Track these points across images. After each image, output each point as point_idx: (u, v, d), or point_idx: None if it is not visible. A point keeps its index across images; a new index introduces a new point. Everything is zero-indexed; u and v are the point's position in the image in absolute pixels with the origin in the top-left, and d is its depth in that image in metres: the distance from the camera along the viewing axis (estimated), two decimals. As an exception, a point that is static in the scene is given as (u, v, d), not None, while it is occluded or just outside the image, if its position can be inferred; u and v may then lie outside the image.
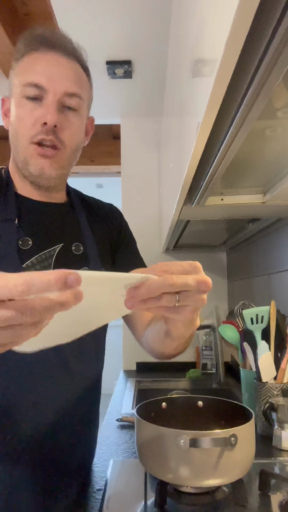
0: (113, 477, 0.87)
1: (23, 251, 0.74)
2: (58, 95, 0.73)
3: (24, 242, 0.75)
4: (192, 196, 1.06)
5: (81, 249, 0.82)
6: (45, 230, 0.79)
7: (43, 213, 0.80)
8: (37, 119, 0.73)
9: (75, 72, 0.76)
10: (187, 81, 0.85)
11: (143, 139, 2.31)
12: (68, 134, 0.76)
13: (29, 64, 0.74)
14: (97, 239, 0.86)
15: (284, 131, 0.73)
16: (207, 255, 2.25)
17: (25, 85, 0.73)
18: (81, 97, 0.77)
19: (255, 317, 1.21)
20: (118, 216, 0.97)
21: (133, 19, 1.46)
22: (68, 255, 0.80)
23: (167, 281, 0.45)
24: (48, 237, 0.78)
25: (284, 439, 1.01)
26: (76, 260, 0.80)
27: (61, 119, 0.74)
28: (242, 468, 0.73)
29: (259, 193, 1.10)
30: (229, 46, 0.44)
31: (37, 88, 0.72)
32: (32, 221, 0.78)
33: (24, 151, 0.75)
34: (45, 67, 0.73)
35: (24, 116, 0.74)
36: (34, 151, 0.74)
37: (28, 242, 0.75)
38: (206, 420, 0.88)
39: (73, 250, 0.81)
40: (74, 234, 0.83)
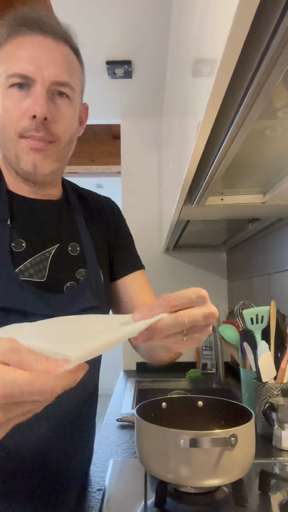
0: (113, 477, 0.87)
1: (16, 254, 0.69)
2: (47, 84, 0.66)
3: (17, 244, 0.70)
4: (192, 196, 1.06)
5: (77, 250, 0.78)
6: (40, 230, 0.74)
7: (37, 212, 0.75)
8: (24, 111, 0.66)
9: (64, 58, 0.68)
10: (187, 81, 0.85)
11: (143, 139, 2.31)
12: (61, 126, 0.69)
13: (13, 50, 0.66)
14: (94, 238, 0.82)
15: (284, 131, 0.73)
16: (207, 255, 2.25)
17: (10, 76, 0.65)
18: (72, 87, 0.70)
19: (255, 317, 1.21)
20: (116, 212, 0.92)
21: (133, 19, 1.46)
22: (64, 256, 0.75)
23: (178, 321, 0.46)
24: (42, 238, 0.73)
25: (284, 439, 1.01)
26: (73, 261, 0.76)
27: (52, 110, 0.68)
28: (242, 468, 0.72)
29: (259, 193, 1.10)
30: (229, 46, 0.44)
31: (23, 78, 0.66)
32: (26, 221, 0.73)
33: (14, 145, 0.68)
34: (31, 53, 0.65)
35: (10, 107, 0.66)
36: (24, 145, 0.68)
37: (22, 244, 0.70)
38: (206, 420, 0.88)
39: (70, 251, 0.76)
40: (71, 234, 0.78)
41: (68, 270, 0.74)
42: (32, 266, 0.70)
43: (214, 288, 2.23)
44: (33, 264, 0.70)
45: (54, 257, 0.74)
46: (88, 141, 3.13)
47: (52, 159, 0.70)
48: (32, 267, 0.70)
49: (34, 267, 0.70)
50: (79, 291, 0.74)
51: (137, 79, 1.88)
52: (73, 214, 0.81)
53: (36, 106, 0.65)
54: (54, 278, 0.72)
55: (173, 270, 2.24)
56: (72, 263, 0.76)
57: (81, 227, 0.81)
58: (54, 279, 0.72)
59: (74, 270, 0.75)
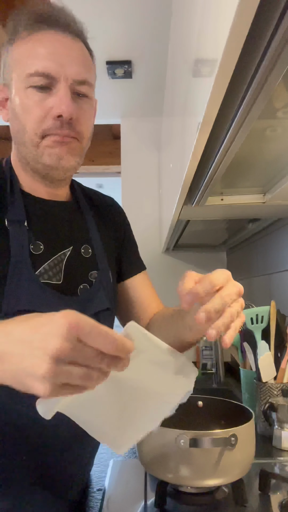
0: (113, 477, 0.87)
1: (35, 256, 0.68)
2: (69, 83, 0.65)
3: (35, 246, 0.69)
4: (192, 196, 1.06)
5: (89, 252, 0.78)
6: (55, 232, 0.73)
7: (51, 214, 0.74)
8: (48, 111, 0.65)
9: (83, 55, 0.69)
10: (187, 81, 0.85)
11: (143, 139, 2.31)
12: (84, 125, 0.70)
13: (32, 48, 0.64)
14: (104, 239, 0.82)
15: (284, 131, 0.73)
16: (207, 255, 2.25)
17: (31, 75, 0.64)
18: (91, 84, 0.70)
19: (255, 317, 1.21)
20: (122, 214, 0.93)
21: (133, 19, 1.46)
22: (78, 259, 0.75)
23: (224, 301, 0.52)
24: (58, 240, 0.73)
25: (284, 439, 1.01)
26: (86, 264, 0.76)
27: (76, 109, 0.67)
28: (242, 468, 0.72)
29: (259, 193, 1.10)
30: (229, 46, 0.44)
31: (45, 78, 0.64)
32: (42, 223, 0.72)
33: (35, 145, 0.67)
34: (51, 51, 0.64)
35: (32, 108, 0.65)
36: (49, 140, 0.67)
37: (40, 247, 0.70)
38: (206, 420, 0.88)
39: (83, 253, 0.76)
40: (83, 236, 0.78)
41: (82, 273, 0.74)
42: (50, 269, 0.70)
43: (214, 288, 2.22)
44: (51, 266, 0.70)
45: (68, 259, 0.73)
46: (88, 141, 3.12)
47: (75, 154, 0.70)
48: (51, 269, 0.70)
49: (52, 270, 0.70)
50: (93, 293, 0.74)
51: (137, 79, 1.88)
52: (84, 216, 0.81)
53: (63, 106, 0.64)
54: (69, 281, 0.72)
55: (173, 270, 2.24)
56: (85, 265, 0.76)
57: (92, 229, 0.81)
58: (69, 282, 0.72)
59: (87, 272, 0.75)
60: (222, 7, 0.45)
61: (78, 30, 0.69)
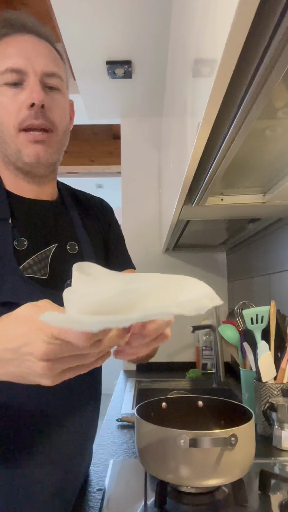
0: (113, 477, 0.87)
1: (19, 252, 0.71)
2: (39, 75, 0.70)
3: (19, 242, 0.72)
4: (192, 196, 1.06)
5: (76, 248, 0.80)
6: (39, 229, 0.76)
7: (36, 212, 0.77)
8: (22, 103, 0.69)
9: (50, 52, 0.73)
10: (187, 81, 0.85)
11: (143, 139, 2.31)
12: (57, 114, 0.73)
13: (2, 50, 0.70)
14: (91, 236, 0.84)
15: (284, 131, 0.73)
16: (207, 255, 2.25)
17: (3, 73, 0.69)
18: (61, 77, 0.74)
19: (255, 317, 1.21)
20: (109, 212, 0.94)
21: (133, 19, 1.46)
22: (64, 255, 0.77)
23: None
24: (42, 237, 0.76)
25: (284, 439, 1.01)
26: (72, 260, 0.76)
27: (47, 98, 0.71)
28: (242, 468, 0.73)
29: (259, 193, 1.10)
30: (229, 46, 0.44)
31: (16, 73, 0.69)
32: (26, 220, 0.75)
33: (14, 140, 0.70)
34: (20, 49, 0.69)
35: (6, 103, 0.69)
36: (25, 138, 0.70)
37: (24, 243, 0.72)
38: (206, 420, 0.88)
39: (68, 249, 0.79)
40: (68, 233, 0.80)
41: (68, 268, 0.74)
42: (35, 264, 0.72)
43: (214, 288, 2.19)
44: (36, 261, 0.72)
45: (54, 255, 0.75)
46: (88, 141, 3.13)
47: (52, 150, 0.73)
48: (35, 265, 0.72)
49: (37, 265, 0.72)
50: None
51: (137, 79, 1.88)
52: (69, 214, 0.83)
53: (34, 93, 0.68)
54: (55, 276, 0.74)
55: (173, 270, 2.24)
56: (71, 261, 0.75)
57: (78, 226, 0.83)
58: (55, 277, 0.74)
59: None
60: (222, 7, 0.45)
61: (44, 33, 0.74)
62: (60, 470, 0.74)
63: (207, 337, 2.02)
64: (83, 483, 0.88)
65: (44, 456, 0.72)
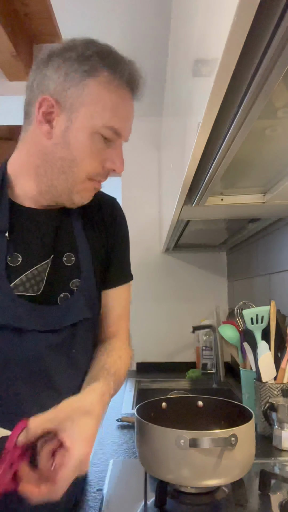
0: (113, 477, 0.87)
1: (11, 268, 0.69)
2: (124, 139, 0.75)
3: (13, 258, 0.70)
4: (192, 196, 1.06)
5: (72, 260, 0.77)
6: (37, 243, 0.73)
7: (37, 223, 0.74)
8: (103, 160, 0.71)
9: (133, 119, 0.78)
10: (187, 81, 0.85)
11: (143, 139, 2.31)
12: None
13: (117, 105, 0.70)
14: (92, 245, 0.81)
15: (284, 131, 0.73)
16: (207, 255, 2.25)
17: (107, 127, 0.69)
18: None
19: (255, 317, 1.21)
20: (119, 217, 0.90)
21: (133, 19, 1.46)
22: (59, 268, 0.75)
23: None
24: (39, 250, 0.73)
25: (284, 439, 1.01)
26: (67, 272, 0.75)
27: None
28: (242, 468, 0.73)
29: (259, 193, 1.10)
30: (229, 46, 0.44)
31: (113, 132, 0.70)
32: (25, 233, 0.72)
33: (79, 182, 0.71)
34: (127, 115, 0.73)
35: (93, 152, 0.70)
36: (91, 185, 0.73)
37: (18, 259, 0.70)
38: (206, 420, 0.88)
39: (64, 261, 0.76)
40: (67, 244, 0.77)
41: (62, 281, 0.74)
42: (28, 280, 0.70)
43: (214, 288, 2.23)
44: (29, 278, 0.70)
45: (50, 268, 0.73)
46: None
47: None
48: (28, 281, 0.70)
49: (30, 281, 0.70)
50: (72, 302, 0.74)
51: (137, 79, 1.88)
52: (72, 222, 0.80)
53: (118, 163, 0.72)
54: (49, 291, 0.72)
55: (173, 270, 2.24)
56: (66, 273, 0.75)
57: (79, 235, 0.79)
58: (48, 292, 0.72)
59: (68, 280, 0.75)
60: (222, 7, 0.45)
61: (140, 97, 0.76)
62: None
63: (207, 337, 2.02)
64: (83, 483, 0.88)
65: None
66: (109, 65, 0.69)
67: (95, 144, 0.69)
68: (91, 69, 0.68)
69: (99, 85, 0.68)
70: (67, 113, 0.69)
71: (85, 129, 0.68)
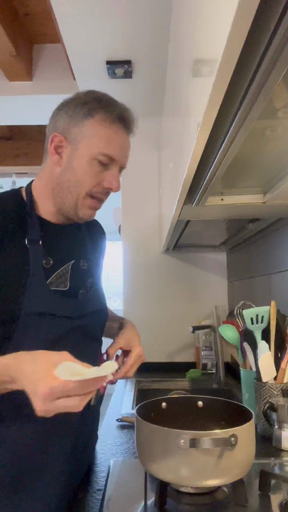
0: (113, 477, 0.87)
1: (46, 269, 0.86)
2: (119, 167, 0.90)
3: (47, 261, 0.87)
4: (192, 196, 1.06)
5: (86, 265, 0.96)
6: (61, 249, 0.92)
7: (59, 235, 0.93)
8: (101, 181, 0.88)
9: (129, 148, 0.94)
10: (187, 81, 0.85)
11: (143, 139, 2.31)
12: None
13: (110, 137, 0.86)
14: (94, 255, 1.02)
15: (284, 131, 0.73)
16: (207, 255, 2.25)
17: (103, 154, 0.86)
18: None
19: (255, 317, 1.21)
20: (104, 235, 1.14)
21: (133, 19, 1.46)
22: (78, 270, 0.93)
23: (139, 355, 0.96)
24: (63, 255, 0.91)
25: (284, 439, 1.01)
26: (84, 274, 0.95)
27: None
28: (242, 468, 0.73)
29: (259, 193, 1.10)
30: (229, 46, 0.44)
31: (109, 159, 0.87)
32: (52, 242, 0.90)
33: (80, 199, 0.88)
34: (120, 144, 0.88)
35: (91, 174, 0.87)
36: (90, 203, 0.89)
37: (50, 262, 0.87)
38: (206, 420, 0.88)
39: (81, 266, 0.94)
40: (81, 252, 0.97)
41: (81, 280, 0.94)
42: (58, 278, 0.88)
43: (214, 288, 2.23)
44: (57, 277, 0.88)
45: (71, 270, 0.92)
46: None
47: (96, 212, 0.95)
48: (58, 279, 0.88)
49: (59, 279, 0.88)
50: (90, 297, 0.94)
51: (137, 79, 1.88)
52: (83, 236, 1.01)
53: (115, 183, 0.89)
54: (72, 287, 0.90)
55: (173, 270, 2.24)
56: (83, 275, 0.95)
57: (88, 245, 1.01)
58: (72, 288, 0.90)
59: (85, 280, 0.94)
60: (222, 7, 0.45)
61: (133, 129, 0.93)
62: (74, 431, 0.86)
63: (207, 337, 2.02)
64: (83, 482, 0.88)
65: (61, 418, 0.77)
66: (103, 106, 0.86)
67: (93, 168, 0.86)
68: (89, 111, 0.86)
69: (95, 122, 0.86)
70: (72, 145, 0.87)
71: (85, 157, 0.86)
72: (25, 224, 0.87)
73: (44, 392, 0.59)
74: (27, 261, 0.83)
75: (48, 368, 0.61)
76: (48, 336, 0.83)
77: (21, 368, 0.65)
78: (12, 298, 0.80)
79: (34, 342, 0.81)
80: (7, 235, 0.83)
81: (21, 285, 0.81)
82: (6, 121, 2.67)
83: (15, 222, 0.85)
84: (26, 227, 0.86)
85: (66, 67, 2.15)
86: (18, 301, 0.80)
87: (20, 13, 1.98)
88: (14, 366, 0.67)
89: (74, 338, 0.87)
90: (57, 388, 0.59)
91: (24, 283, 0.82)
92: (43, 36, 2.19)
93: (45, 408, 0.60)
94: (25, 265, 0.83)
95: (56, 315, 0.84)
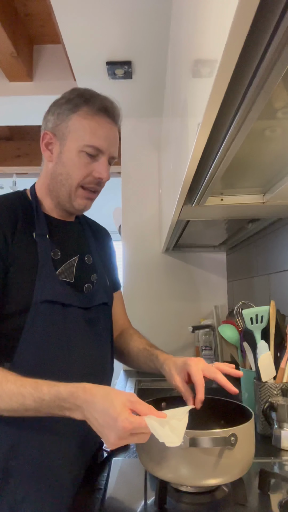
0: (113, 477, 0.87)
1: (54, 261, 0.91)
2: (108, 157, 0.93)
3: (55, 253, 0.92)
4: (192, 196, 1.07)
5: (91, 260, 1.00)
6: (67, 244, 0.96)
7: (64, 230, 0.98)
8: (91, 172, 0.91)
9: (117, 138, 0.96)
10: (186, 82, 0.85)
11: (143, 140, 2.31)
12: (106, 182, 0.96)
13: (94, 128, 0.89)
14: (98, 253, 1.05)
15: (284, 131, 0.73)
16: (207, 255, 2.25)
17: (88, 146, 0.89)
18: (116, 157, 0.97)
19: (255, 317, 1.21)
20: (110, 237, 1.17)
21: (133, 19, 1.47)
22: (83, 264, 0.97)
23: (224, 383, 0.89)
24: (69, 249, 0.96)
25: (283, 439, 1.01)
26: (89, 268, 0.99)
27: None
28: (241, 467, 0.73)
29: (259, 193, 1.10)
30: (229, 46, 0.44)
31: (96, 150, 0.90)
32: (58, 236, 0.95)
33: (73, 191, 0.93)
34: (105, 135, 0.91)
35: (80, 166, 0.91)
36: (82, 193, 0.93)
37: (58, 254, 0.92)
38: (206, 420, 0.88)
39: (86, 260, 0.99)
40: (85, 247, 1.01)
41: (86, 275, 0.98)
42: (65, 270, 0.92)
43: (214, 288, 2.23)
44: (65, 268, 0.93)
45: (77, 264, 0.96)
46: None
47: (92, 202, 0.99)
48: (66, 271, 0.92)
49: (66, 271, 0.93)
50: (95, 291, 0.98)
51: (137, 79, 1.88)
52: (86, 233, 1.06)
53: (104, 172, 0.92)
54: (78, 280, 0.95)
55: (173, 270, 2.24)
56: (88, 269, 0.99)
57: (91, 243, 1.05)
58: (78, 281, 0.94)
59: (90, 275, 0.98)
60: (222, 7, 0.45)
61: (119, 120, 0.95)
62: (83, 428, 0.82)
63: (207, 337, 2.02)
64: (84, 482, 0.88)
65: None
66: (85, 100, 0.90)
67: (82, 160, 0.90)
68: (73, 107, 0.90)
69: (79, 116, 0.90)
70: (60, 141, 0.92)
71: (73, 150, 0.90)
72: (32, 220, 0.92)
73: (125, 427, 0.62)
74: (36, 253, 0.88)
75: (124, 405, 0.65)
76: (59, 326, 0.86)
77: (93, 400, 0.67)
78: (25, 287, 0.84)
79: (45, 331, 0.84)
80: (16, 231, 0.87)
81: (32, 275, 0.86)
82: (7, 122, 2.67)
83: (23, 219, 0.90)
84: (33, 224, 0.91)
85: (67, 67, 2.15)
86: (30, 290, 0.84)
87: (20, 13, 1.98)
88: (83, 396, 0.69)
89: (84, 328, 0.91)
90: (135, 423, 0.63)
91: (35, 272, 0.86)
92: (44, 36, 2.19)
93: (119, 442, 0.64)
94: (35, 257, 0.87)
95: (66, 305, 0.88)
